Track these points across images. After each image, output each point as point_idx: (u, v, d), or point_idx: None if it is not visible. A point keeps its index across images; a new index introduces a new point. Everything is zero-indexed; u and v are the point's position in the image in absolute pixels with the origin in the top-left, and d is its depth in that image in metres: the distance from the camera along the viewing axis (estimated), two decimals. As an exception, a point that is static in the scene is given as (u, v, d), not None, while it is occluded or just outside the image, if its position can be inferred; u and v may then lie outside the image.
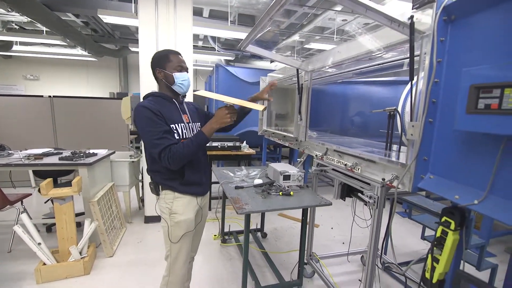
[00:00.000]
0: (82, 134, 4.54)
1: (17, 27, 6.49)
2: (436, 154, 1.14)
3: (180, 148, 1.33)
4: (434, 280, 1.14)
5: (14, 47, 7.02)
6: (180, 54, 1.50)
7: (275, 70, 4.63)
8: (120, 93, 8.80)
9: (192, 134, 1.50)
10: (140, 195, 3.76)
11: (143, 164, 3.14)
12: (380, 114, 4.52)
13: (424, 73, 1.15)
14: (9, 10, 4.62)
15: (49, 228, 2.99)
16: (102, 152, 2.93)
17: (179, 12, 3.02)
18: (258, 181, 2.22)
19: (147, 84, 3.03)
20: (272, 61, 7.20)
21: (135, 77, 9.62)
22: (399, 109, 4.19)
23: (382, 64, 1.78)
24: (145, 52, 2.99)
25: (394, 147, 1.95)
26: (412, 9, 1.18)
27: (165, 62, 1.44)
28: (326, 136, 2.90)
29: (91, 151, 2.86)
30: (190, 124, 1.51)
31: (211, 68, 5.92)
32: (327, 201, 1.89)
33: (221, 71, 5.12)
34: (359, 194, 1.56)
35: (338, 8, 4.70)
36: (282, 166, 2.41)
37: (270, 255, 2.57)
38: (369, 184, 1.56)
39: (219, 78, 5.18)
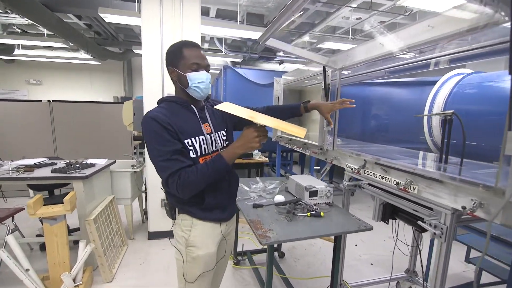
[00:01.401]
0: (83, 142, 4.28)
1: (19, 30, 6.32)
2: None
3: (192, 174, 1.04)
4: None
5: (16, 51, 6.85)
6: (198, 47, 1.18)
7: (287, 72, 4.33)
8: (124, 97, 8.60)
9: (213, 148, 1.19)
10: (144, 207, 3.46)
11: (147, 173, 2.84)
12: (405, 117, 4.15)
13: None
14: (8, 11, 4.42)
15: (44, 247, 2.69)
16: (101, 162, 2.64)
17: (186, 9, 2.74)
18: (279, 198, 1.90)
19: (150, 87, 2.75)
20: (281, 63, 6.91)
21: (139, 81, 9.41)
22: (426, 111, 3.82)
23: (438, 57, 1.45)
24: (148, 53, 2.71)
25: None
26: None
27: (178, 58, 1.14)
28: (352, 143, 2.57)
29: (89, 161, 2.58)
30: (212, 134, 1.20)
31: (218, 71, 5.65)
32: (367, 224, 1.56)
33: (229, 73, 4.83)
34: (420, 223, 1.22)
35: (354, 4, 4.38)
36: (305, 179, 2.08)
37: (292, 281, 2.23)
38: (431, 209, 1.22)
39: (227, 81, 4.88)
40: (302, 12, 5.40)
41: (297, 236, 1.39)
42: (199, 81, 1.12)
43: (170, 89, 2.79)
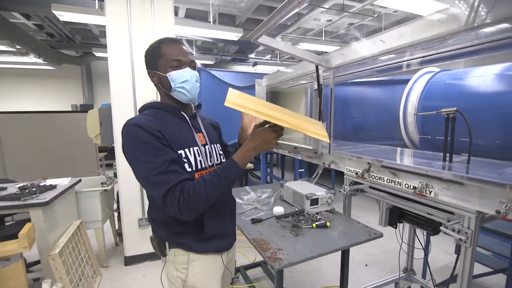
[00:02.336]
0: (37, 158, 3.71)
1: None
2: None
3: (199, 186, 0.84)
4: None
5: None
6: (178, 42, 0.99)
7: (266, 74, 4.21)
8: (84, 105, 7.83)
9: (209, 162, 0.99)
10: (116, 227, 3.08)
11: (120, 189, 2.51)
12: (382, 115, 4.25)
13: None
14: None
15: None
16: (63, 182, 2.26)
17: (157, 7, 2.48)
18: (278, 209, 1.74)
19: (119, 93, 2.43)
20: (254, 65, 6.80)
21: (101, 87, 8.65)
22: (401, 109, 3.94)
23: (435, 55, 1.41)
24: (115, 55, 2.40)
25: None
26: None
27: (156, 58, 0.95)
28: (344, 144, 2.52)
29: (48, 182, 2.19)
30: (207, 146, 1.01)
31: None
32: (376, 231, 1.47)
33: (204, 75, 4.58)
34: (442, 228, 1.15)
35: (327, 5, 4.42)
36: (301, 186, 1.95)
37: (292, 296, 2.09)
38: (451, 213, 1.16)
39: (202, 84, 4.62)
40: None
41: (311, 254, 1.25)
42: (182, 80, 0.93)
43: (143, 95, 2.49)
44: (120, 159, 2.47)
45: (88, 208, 2.47)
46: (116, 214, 3.07)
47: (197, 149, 0.97)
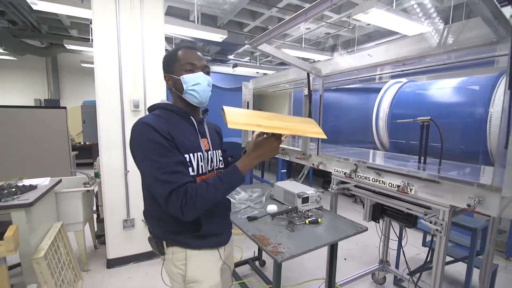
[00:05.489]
0: (3, 157, 3.40)
1: None
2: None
3: (202, 189, 0.90)
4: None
5: None
6: (195, 49, 1.04)
7: (249, 76, 4.26)
8: (49, 99, 7.24)
9: (209, 167, 1.05)
10: (95, 230, 2.95)
11: (104, 190, 2.42)
12: (353, 120, 4.55)
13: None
14: None
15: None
16: (43, 182, 2.14)
17: (146, 2, 2.45)
18: (272, 208, 1.83)
19: (104, 90, 2.36)
20: (234, 66, 6.85)
21: (68, 81, 8.06)
22: (374, 115, 4.27)
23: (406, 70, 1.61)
24: (101, 50, 2.34)
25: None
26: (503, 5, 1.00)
27: (172, 62, 1.01)
28: (324, 146, 2.69)
29: (27, 182, 2.06)
30: (210, 152, 1.07)
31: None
32: (362, 226, 1.63)
33: (186, 75, 4.54)
34: (422, 220, 1.33)
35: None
36: (291, 186, 2.08)
37: (281, 290, 2.19)
38: (428, 207, 1.35)
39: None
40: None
41: (308, 247, 1.36)
42: (194, 83, 0.99)
43: (130, 93, 2.44)
44: (105, 158, 2.38)
45: (68, 210, 2.36)
46: (95, 216, 2.95)
47: (200, 155, 1.02)
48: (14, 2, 4.35)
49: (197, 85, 0.99)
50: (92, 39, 5.04)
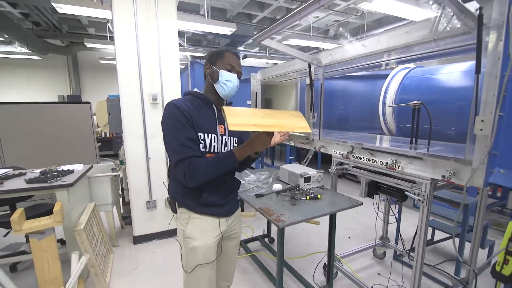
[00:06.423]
0: (36, 149, 3.79)
1: None
2: (506, 148, 1.11)
3: (201, 165, 1.11)
4: (509, 273, 1.12)
5: None
6: (238, 56, 1.28)
7: (257, 67, 4.42)
8: (72, 95, 7.71)
9: (222, 149, 1.26)
10: (121, 212, 3.30)
11: (129, 175, 2.73)
12: (364, 107, 4.63)
13: (489, 66, 1.11)
14: None
15: (14, 267, 2.41)
16: (78, 168, 2.45)
17: (161, 3, 2.65)
18: (277, 186, 2.06)
19: (127, 85, 2.61)
20: (244, 58, 6.99)
21: (88, 77, 8.50)
22: (380, 102, 4.35)
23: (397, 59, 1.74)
24: (122, 49, 2.56)
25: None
26: (467, 0, 1.13)
27: (217, 57, 1.24)
28: (330, 132, 2.85)
29: (65, 167, 2.37)
30: (224, 137, 1.27)
31: (182, 66, 5.50)
32: (357, 201, 1.82)
33: (197, 67, 4.77)
34: (407, 193, 1.51)
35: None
36: (295, 168, 2.28)
37: (288, 261, 2.43)
38: (413, 182, 1.51)
39: (195, 76, 4.82)
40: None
41: (306, 216, 1.58)
42: (228, 79, 1.21)
43: (149, 86, 2.68)
44: (129, 146, 2.67)
45: (99, 192, 2.68)
46: (121, 199, 3.29)
47: (214, 136, 1.23)
48: (38, 5, 4.68)
49: (229, 82, 1.22)
50: (109, 37, 5.34)
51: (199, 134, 1.18)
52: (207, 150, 1.20)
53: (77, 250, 2.02)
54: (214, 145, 1.23)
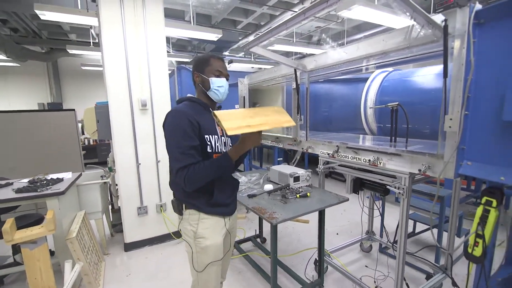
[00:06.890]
0: (18, 159, 3.68)
1: None
2: (472, 143, 1.26)
3: (200, 169, 1.18)
4: (479, 254, 1.26)
5: None
6: (222, 60, 1.35)
7: (243, 72, 4.50)
8: (52, 103, 7.47)
9: (224, 149, 1.35)
10: (111, 219, 3.26)
11: (119, 182, 2.72)
12: (343, 109, 4.83)
13: (455, 70, 1.25)
14: None
15: (0, 281, 2.34)
16: (67, 176, 2.43)
17: (148, 9, 2.69)
18: (268, 186, 2.14)
19: (116, 92, 2.62)
20: (230, 63, 7.08)
21: (69, 85, 8.27)
22: (362, 104, 4.56)
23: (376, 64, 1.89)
24: (111, 56, 2.57)
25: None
26: (435, 12, 1.28)
27: (204, 66, 1.30)
28: (316, 134, 2.98)
29: (54, 176, 2.35)
30: (223, 137, 1.36)
31: (169, 72, 5.51)
32: (344, 197, 1.94)
33: (184, 73, 4.80)
34: (388, 187, 1.64)
35: (296, 9, 4.87)
36: (284, 168, 2.37)
37: (279, 259, 2.51)
38: (394, 177, 1.64)
39: (182, 82, 4.85)
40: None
41: (297, 213, 1.67)
42: (219, 85, 1.29)
43: (138, 93, 2.70)
44: (119, 152, 2.67)
45: (88, 200, 2.65)
46: (110, 207, 3.25)
47: (216, 137, 1.31)
48: (18, 12, 4.56)
49: (221, 87, 1.30)
50: (92, 43, 5.25)
51: (206, 136, 1.25)
52: (214, 150, 1.28)
53: (69, 259, 2.00)
54: (218, 146, 1.31)
